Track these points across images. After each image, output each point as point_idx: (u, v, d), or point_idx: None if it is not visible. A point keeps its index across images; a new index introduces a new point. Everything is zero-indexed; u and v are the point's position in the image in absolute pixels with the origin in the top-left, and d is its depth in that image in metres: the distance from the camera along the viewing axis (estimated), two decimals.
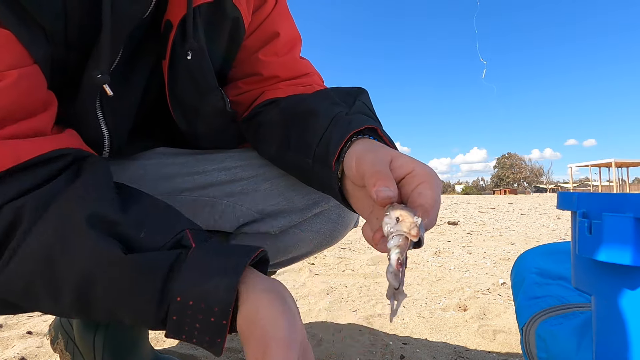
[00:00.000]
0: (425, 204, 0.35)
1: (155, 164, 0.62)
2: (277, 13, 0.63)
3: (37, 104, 0.42)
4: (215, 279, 0.36)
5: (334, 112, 0.51)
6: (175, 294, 0.36)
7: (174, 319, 0.36)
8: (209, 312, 0.35)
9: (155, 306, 0.36)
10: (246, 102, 0.64)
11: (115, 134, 0.53)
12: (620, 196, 0.33)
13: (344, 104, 0.55)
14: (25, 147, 0.39)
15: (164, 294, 0.36)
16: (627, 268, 0.33)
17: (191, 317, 0.36)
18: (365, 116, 0.50)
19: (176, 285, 0.36)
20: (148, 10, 0.48)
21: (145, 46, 0.53)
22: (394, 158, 0.40)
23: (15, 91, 0.39)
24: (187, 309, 0.36)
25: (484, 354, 0.94)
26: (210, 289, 0.35)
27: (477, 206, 8.46)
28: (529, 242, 2.86)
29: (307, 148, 0.50)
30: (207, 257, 0.38)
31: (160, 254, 0.38)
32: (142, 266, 0.37)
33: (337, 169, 0.46)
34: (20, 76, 0.39)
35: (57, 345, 0.75)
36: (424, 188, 0.36)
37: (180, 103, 0.57)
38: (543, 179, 73.18)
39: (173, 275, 0.37)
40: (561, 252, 0.60)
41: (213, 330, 0.36)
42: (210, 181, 0.63)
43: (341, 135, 0.46)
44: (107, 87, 0.45)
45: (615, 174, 22.90)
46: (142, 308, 0.37)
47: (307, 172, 0.52)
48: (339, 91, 0.59)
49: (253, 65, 0.63)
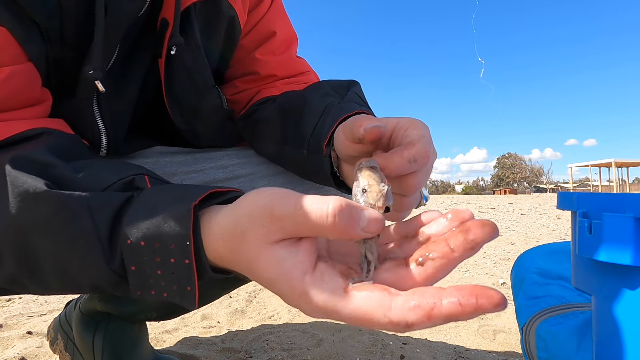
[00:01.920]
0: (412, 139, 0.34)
1: (153, 163, 0.62)
2: (273, 12, 0.63)
3: (30, 101, 0.42)
4: (167, 210, 0.29)
5: (326, 103, 0.52)
6: (125, 236, 0.30)
7: (132, 269, 0.30)
8: (166, 252, 0.29)
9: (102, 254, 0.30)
10: (243, 100, 0.65)
11: (113, 132, 0.53)
12: (620, 196, 0.33)
13: (337, 94, 0.56)
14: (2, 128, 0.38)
15: (112, 240, 0.31)
16: (627, 268, 0.33)
17: (149, 263, 0.30)
18: (356, 104, 0.51)
19: (124, 226, 0.30)
20: (143, 8, 0.48)
21: (142, 44, 0.53)
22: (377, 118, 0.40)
23: (5, 88, 0.39)
24: (141, 253, 0.29)
25: (484, 354, 0.94)
26: (160, 222, 0.29)
27: (477, 206, 8.47)
28: (529, 242, 2.86)
29: (302, 140, 0.51)
30: (163, 192, 0.32)
31: (102, 194, 0.32)
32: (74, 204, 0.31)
33: (329, 152, 0.47)
34: (10, 74, 0.39)
35: (57, 346, 0.75)
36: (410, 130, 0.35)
37: (177, 101, 0.57)
38: (543, 179, 73.20)
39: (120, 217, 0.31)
40: (561, 252, 0.60)
41: (178, 275, 0.29)
42: (207, 179, 0.63)
43: (332, 121, 0.47)
44: (99, 84, 0.45)
45: (615, 174, 22.90)
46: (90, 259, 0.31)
47: (303, 164, 0.53)
48: (331, 83, 0.60)
49: (250, 65, 0.63)
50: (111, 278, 0.31)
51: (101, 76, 0.44)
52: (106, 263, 0.31)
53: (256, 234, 0.27)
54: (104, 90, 0.45)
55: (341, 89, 0.58)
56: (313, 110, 0.52)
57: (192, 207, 0.29)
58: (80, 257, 0.31)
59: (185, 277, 0.30)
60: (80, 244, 0.31)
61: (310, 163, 0.51)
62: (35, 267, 0.33)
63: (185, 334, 1.02)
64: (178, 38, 0.50)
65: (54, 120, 0.45)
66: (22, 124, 0.39)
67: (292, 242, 0.27)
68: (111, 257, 0.31)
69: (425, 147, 0.33)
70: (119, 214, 0.31)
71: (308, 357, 0.89)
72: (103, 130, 0.52)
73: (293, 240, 0.27)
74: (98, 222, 0.31)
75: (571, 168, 27.10)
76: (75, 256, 0.31)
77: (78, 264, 0.32)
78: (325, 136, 0.47)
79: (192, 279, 0.30)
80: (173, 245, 0.29)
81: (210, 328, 1.07)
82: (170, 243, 0.29)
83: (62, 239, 0.31)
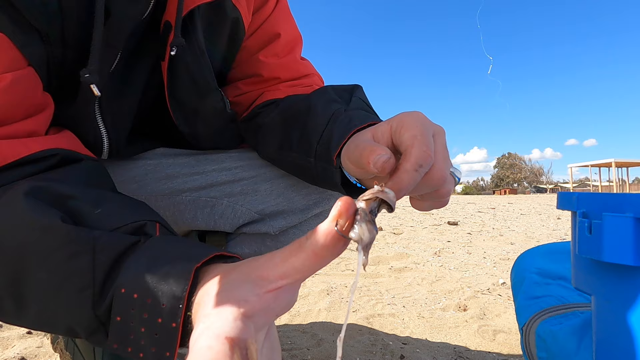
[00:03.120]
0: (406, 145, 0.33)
1: (155, 165, 0.62)
2: (278, 14, 0.63)
3: (32, 107, 0.42)
4: (166, 266, 0.28)
5: (332, 110, 0.51)
6: (120, 284, 0.29)
7: (117, 319, 0.29)
8: (156, 310, 0.28)
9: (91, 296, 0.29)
10: (246, 103, 0.64)
11: (114, 135, 0.53)
12: (620, 196, 0.33)
13: (341, 99, 0.56)
14: (14, 148, 0.38)
15: (105, 284, 0.29)
16: (627, 268, 0.33)
17: (136, 317, 0.28)
18: (364, 111, 0.51)
19: (121, 274, 0.29)
20: (147, 11, 0.48)
21: (145, 47, 0.53)
22: (373, 131, 0.39)
23: (8, 95, 0.39)
24: (131, 305, 0.28)
25: (484, 354, 0.94)
26: (158, 278, 0.28)
27: (477, 206, 8.47)
28: (529, 242, 2.86)
29: (309, 147, 0.51)
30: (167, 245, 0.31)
31: (111, 235, 0.32)
32: (81, 240, 0.30)
33: (339, 164, 0.46)
34: (13, 80, 0.39)
35: (58, 345, 0.75)
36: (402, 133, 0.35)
37: (180, 104, 0.57)
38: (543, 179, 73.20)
39: (121, 263, 0.30)
40: (561, 252, 0.60)
41: (161, 336, 0.28)
42: (210, 181, 0.63)
43: (342, 133, 0.46)
44: (94, 88, 0.44)
45: (615, 174, 22.90)
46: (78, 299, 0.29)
47: (310, 171, 0.52)
48: (335, 89, 0.60)
49: (253, 66, 0.63)
50: (91, 323, 0.30)
51: (97, 80, 0.44)
52: (92, 306, 0.30)
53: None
54: (99, 95, 0.45)
55: (345, 94, 0.57)
56: (319, 117, 0.51)
57: (194, 269, 0.28)
58: (68, 295, 0.30)
59: (167, 342, 0.28)
60: (73, 282, 0.30)
61: (320, 172, 0.50)
62: (20, 293, 0.33)
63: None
64: (179, 39, 0.50)
65: (64, 136, 0.45)
66: (35, 143, 0.39)
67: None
68: (99, 301, 0.29)
69: (422, 148, 0.33)
70: (120, 258, 0.30)
71: (308, 357, 0.89)
72: (105, 133, 0.52)
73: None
74: (98, 262, 0.30)
75: (571, 168, 27.10)
76: (65, 292, 0.30)
77: (64, 301, 0.31)
78: (335, 148, 0.46)
79: (173, 345, 0.28)
80: (165, 304, 0.27)
81: None
82: (163, 302, 0.27)
83: (58, 273, 0.31)
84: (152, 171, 0.62)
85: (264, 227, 0.64)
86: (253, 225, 0.64)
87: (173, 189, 0.62)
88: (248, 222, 0.64)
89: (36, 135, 0.42)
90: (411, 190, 0.32)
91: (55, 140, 0.43)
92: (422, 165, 0.32)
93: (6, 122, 0.39)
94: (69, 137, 0.46)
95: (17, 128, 0.40)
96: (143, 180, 0.60)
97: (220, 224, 0.63)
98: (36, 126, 0.42)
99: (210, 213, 0.63)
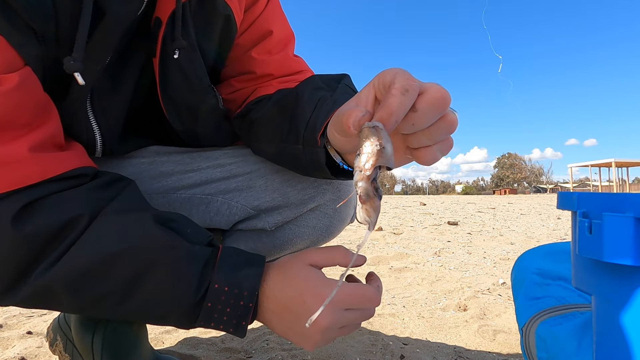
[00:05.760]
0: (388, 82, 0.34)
1: (149, 163, 0.62)
2: (270, 11, 0.63)
3: (39, 105, 0.42)
4: (245, 269, 0.45)
5: (318, 96, 0.52)
6: (214, 281, 0.43)
7: (208, 305, 0.43)
8: (240, 296, 0.43)
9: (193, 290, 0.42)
10: (239, 100, 0.64)
11: (107, 133, 0.53)
12: (620, 196, 0.33)
13: (328, 87, 0.56)
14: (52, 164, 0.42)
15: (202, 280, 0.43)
16: (627, 268, 0.33)
17: (223, 302, 0.43)
18: (348, 95, 0.51)
19: (214, 275, 0.43)
20: (141, 8, 0.48)
21: (136, 43, 0.52)
22: (356, 97, 0.39)
23: (19, 94, 0.39)
24: (222, 294, 0.43)
25: (484, 354, 0.94)
26: (242, 276, 0.44)
27: (477, 206, 8.47)
28: (529, 242, 2.86)
29: (297, 135, 0.51)
30: (235, 254, 0.47)
31: (201, 248, 0.45)
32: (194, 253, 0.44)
33: (323, 143, 0.47)
34: (21, 79, 0.39)
35: (56, 347, 0.75)
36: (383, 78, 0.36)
37: (172, 101, 0.57)
38: (543, 179, 73.19)
39: (209, 266, 0.44)
40: (561, 252, 0.60)
41: (241, 313, 0.44)
42: (205, 178, 0.62)
43: (326, 113, 0.47)
44: (78, 76, 0.44)
45: (615, 174, 22.90)
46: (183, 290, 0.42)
47: (299, 159, 0.52)
48: (322, 78, 0.60)
49: (246, 64, 0.63)
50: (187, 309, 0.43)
51: (82, 68, 0.43)
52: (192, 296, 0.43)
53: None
54: (83, 83, 0.44)
55: (332, 82, 0.58)
56: (306, 105, 0.51)
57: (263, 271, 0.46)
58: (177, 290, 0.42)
59: (245, 315, 0.44)
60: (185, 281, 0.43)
61: (306, 156, 0.51)
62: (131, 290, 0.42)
63: (185, 334, 1.02)
64: (180, 42, 0.50)
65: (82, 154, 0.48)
66: (69, 161, 0.44)
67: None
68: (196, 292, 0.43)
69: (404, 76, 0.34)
70: (207, 263, 0.44)
71: (308, 357, 0.89)
72: (97, 130, 0.52)
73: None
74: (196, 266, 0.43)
75: (571, 168, 27.10)
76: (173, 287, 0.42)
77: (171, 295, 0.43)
78: (320, 128, 0.47)
79: (248, 317, 0.44)
80: (247, 292, 0.44)
81: None
82: (245, 290, 0.44)
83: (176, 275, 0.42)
84: (147, 169, 0.62)
85: (260, 223, 0.64)
86: (249, 222, 0.64)
87: (168, 187, 0.62)
88: (244, 218, 0.64)
89: (58, 142, 0.44)
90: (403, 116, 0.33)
91: (81, 158, 0.47)
92: (408, 89, 0.33)
93: (19, 121, 0.40)
94: (84, 153, 0.48)
95: (42, 134, 0.41)
96: (138, 178, 0.60)
97: (215, 221, 0.63)
98: (54, 130, 0.44)
99: (206, 210, 0.63)
